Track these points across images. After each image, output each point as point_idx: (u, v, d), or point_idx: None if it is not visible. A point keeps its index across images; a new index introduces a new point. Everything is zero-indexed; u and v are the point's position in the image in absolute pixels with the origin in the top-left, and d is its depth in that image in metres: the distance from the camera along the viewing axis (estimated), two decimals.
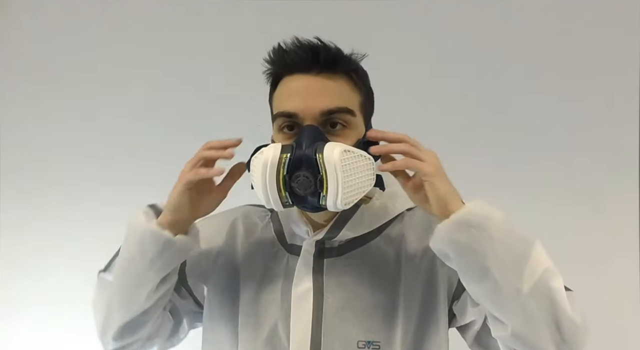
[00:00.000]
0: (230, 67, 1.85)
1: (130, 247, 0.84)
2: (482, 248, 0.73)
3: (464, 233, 0.73)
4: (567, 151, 1.78)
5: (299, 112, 0.80)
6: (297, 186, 0.76)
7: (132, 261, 0.84)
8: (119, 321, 0.87)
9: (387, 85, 1.06)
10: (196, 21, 1.92)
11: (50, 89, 1.94)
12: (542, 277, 0.74)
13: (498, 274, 0.73)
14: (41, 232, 1.90)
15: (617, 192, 1.76)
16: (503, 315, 0.76)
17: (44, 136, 1.93)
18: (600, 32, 1.79)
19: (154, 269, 0.83)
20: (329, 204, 0.76)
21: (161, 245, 0.81)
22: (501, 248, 0.74)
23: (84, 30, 1.95)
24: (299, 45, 0.83)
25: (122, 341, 0.89)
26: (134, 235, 0.84)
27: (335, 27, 0.85)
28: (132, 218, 0.85)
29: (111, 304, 0.88)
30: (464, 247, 0.74)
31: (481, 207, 0.75)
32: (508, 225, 0.75)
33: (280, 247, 0.93)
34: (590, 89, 1.78)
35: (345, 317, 0.86)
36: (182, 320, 0.99)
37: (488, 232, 0.73)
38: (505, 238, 0.74)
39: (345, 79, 0.83)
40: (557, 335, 0.74)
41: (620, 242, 1.75)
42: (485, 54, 1.82)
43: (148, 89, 1.92)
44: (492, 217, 0.74)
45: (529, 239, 0.77)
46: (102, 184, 1.89)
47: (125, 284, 0.86)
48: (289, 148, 0.77)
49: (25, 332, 1.90)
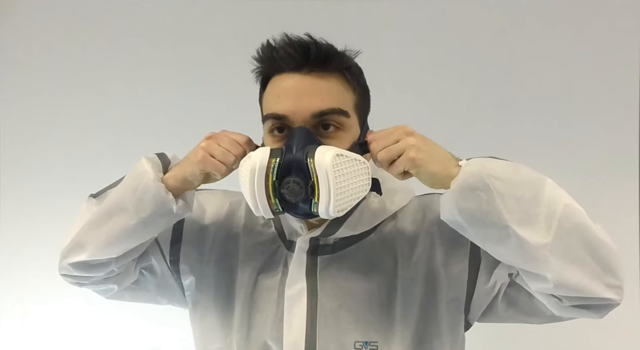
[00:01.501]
0: (233, 64, 1.84)
1: (127, 194, 0.82)
2: (493, 208, 0.70)
3: (469, 199, 0.71)
4: (568, 151, 1.77)
5: (289, 114, 0.77)
6: (287, 193, 0.73)
7: (124, 210, 0.81)
8: (85, 256, 0.84)
9: (384, 82, 1.04)
10: (197, 21, 1.91)
11: (50, 90, 1.94)
12: (562, 215, 0.71)
13: (518, 228, 0.70)
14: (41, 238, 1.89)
15: (618, 192, 1.75)
16: (537, 268, 0.72)
17: (44, 144, 1.93)
18: (601, 32, 1.78)
19: (145, 228, 0.82)
20: (320, 211, 0.73)
21: (161, 210, 0.80)
22: (512, 201, 0.70)
23: (85, 33, 1.94)
24: (288, 42, 0.79)
25: (79, 272, 0.86)
26: (134, 183, 0.81)
27: (332, 24, 0.83)
28: (140, 165, 0.83)
29: (84, 236, 0.84)
30: (474, 213, 0.71)
31: (479, 165, 0.72)
32: (512, 174, 0.72)
33: (281, 243, 0.90)
34: (591, 89, 1.77)
35: (341, 317, 0.83)
36: (150, 284, 0.96)
37: (494, 189, 0.70)
38: (513, 189, 0.71)
39: (338, 78, 0.80)
40: (599, 268, 0.71)
41: (620, 241, 1.75)
42: (485, 54, 1.81)
43: (149, 92, 1.91)
44: (493, 171, 0.71)
45: (538, 179, 0.74)
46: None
47: (107, 228, 0.83)
48: (278, 152, 0.74)
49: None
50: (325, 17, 1.81)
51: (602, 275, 0.72)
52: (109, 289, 0.92)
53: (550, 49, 1.78)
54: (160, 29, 1.92)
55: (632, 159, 1.76)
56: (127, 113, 1.91)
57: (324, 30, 0.82)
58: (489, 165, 0.72)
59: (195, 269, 0.92)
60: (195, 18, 1.91)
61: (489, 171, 0.71)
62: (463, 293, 0.84)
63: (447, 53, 1.82)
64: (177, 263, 0.93)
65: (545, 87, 1.78)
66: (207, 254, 0.92)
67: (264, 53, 0.82)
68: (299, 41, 0.79)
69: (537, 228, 0.70)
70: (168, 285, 0.95)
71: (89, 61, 1.93)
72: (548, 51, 1.78)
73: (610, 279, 0.72)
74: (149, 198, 0.80)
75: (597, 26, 1.77)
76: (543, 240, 0.70)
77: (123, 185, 0.84)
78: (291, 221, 0.87)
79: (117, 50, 1.93)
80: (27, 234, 1.90)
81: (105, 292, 0.93)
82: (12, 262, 1.90)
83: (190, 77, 1.89)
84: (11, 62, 1.96)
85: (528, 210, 0.71)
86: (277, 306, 0.86)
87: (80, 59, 1.93)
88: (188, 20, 1.91)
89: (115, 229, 0.82)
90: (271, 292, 0.87)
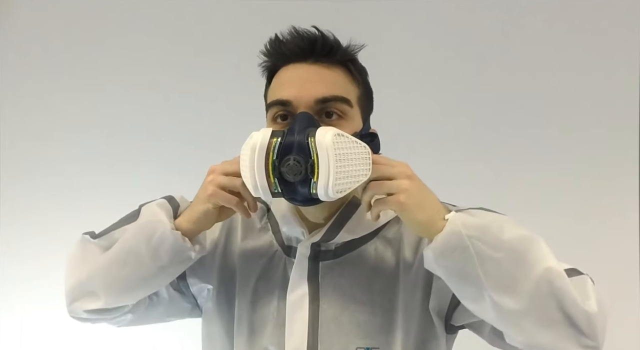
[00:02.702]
0: (233, 64, 1.84)
1: (141, 243, 0.79)
2: (471, 270, 0.69)
3: (448, 258, 0.70)
4: (568, 151, 1.77)
5: (293, 100, 0.77)
6: (287, 171, 0.70)
7: (139, 259, 0.80)
8: (101, 304, 0.82)
9: (387, 84, 1.04)
10: (197, 21, 1.91)
11: (50, 90, 1.94)
12: (542, 279, 0.69)
13: (494, 292, 0.69)
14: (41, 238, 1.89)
15: (618, 192, 1.76)
16: (509, 330, 0.72)
17: (44, 145, 1.93)
18: (600, 32, 1.78)
19: (162, 275, 0.81)
20: (319, 191, 0.71)
21: (179, 258, 0.79)
22: (491, 264, 0.69)
23: (85, 33, 1.94)
24: (296, 34, 0.81)
25: (93, 316, 0.85)
26: (148, 232, 0.79)
27: (334, 24, 0.83)
28: (151, 213, 0.81)
29: (97, 284, 0.82)
30: (453, 272, 0.71)
31: (462, 224, 0.70)
32: (495, 234, 0.70)
33: (278, 247, 0.89)
34: (592, 90, 1.77)
35: (343, 324, 0.83)
36: (160, 305, 0.94)
37: (473, 251, 0.69)
38: (494, 251, 0.69)
39: (343, 69, 0.81)
40: (573, 330, 0.69)
41: (620, 242, 1.75)
42: (485, 54, 1.81)
43: (149, 94, 1.91)
44: (475, 232, 0.70)
45: (524, 239, 0.71)
46: (102, 191, 1.87)
47: (122, 276, 0.81)
48: (280, 133, 0.73)
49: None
50: (327, 17, 1.80)
51: (578, 337, 0.69)
52: (122, 320, 0.91)
53: (549, 49, 1.79)
54: (161, 30, 1.92)
55: (632, 159, 1.76)
56: (128, 113, 1.91)
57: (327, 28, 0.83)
58: (472, 225, 0.70)
59: (202, 278, 0.92)
60: (195, 18, 1.91)
61: (470, 231, 0.70)
62: (446, 303, 0.83)
63: (450, 51, 1.82)
64: (185, 277, 0.92)
65: (545, 87, 1.79)
66: (209, 262, 0.92)
67: (272, 46, 0.83)
68: (306, 33, 0.81)
69: (514, 293, 0.69)
70: (176, 303, 0.95)
71: (89, 61, 1.93)
72: (548, 51, 1.79)
73: (586, 340, 0.69)
74: (167, 248, 0.79)
75: (599, 25, 1.78)
76: (518, 306, 0.69)
77: (135, 233, 0.81)
78: (292, 226, 0.86)
79: (118, 50, 1.93)
80: (27, 234, 1.90)
81: (118, 323, 0.92)
82: (12, 262, 1.90)
83: (190, 77, 1.89)
84: (11, 62, 1.96)
85: (507, 273, 0.69)
86: (277, 312, 0.85)
87: (81, 59, 1.93)
88: (189, 21, 1.92)
89: (132, 277, 0.81)
90: (271, 297, 0.86)
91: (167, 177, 1.80)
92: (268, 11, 1.84)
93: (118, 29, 1.93)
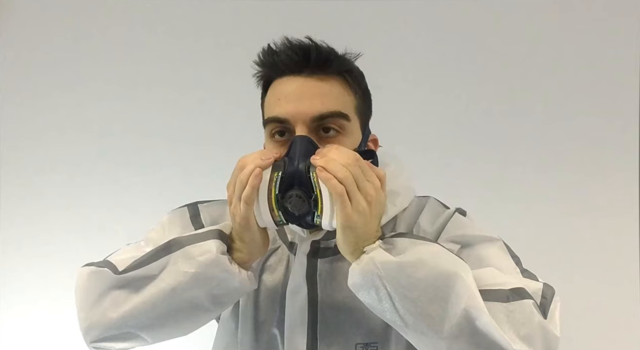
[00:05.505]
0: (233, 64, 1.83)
1: (200, 290, 0.74)
2: (387, 307, 0.69)
3: (363, 296, 0.71)
4: (568, 152, 1.77)
5: (290, 118, 0.77)
6: (291, 207, 0.72)
7: (198, 306, 0.75)
8: (140, 343, 0.79)
9: (386, 86, 1.04)
10: (198, 21, 1.90)
11: (50, 90, 1.93)
12: (462, 318, 0.66)
13: (412, 331, 0.69)
14: (41, 238, 1.89)
15: (618, 192, 1.76)
16: None
17: (44, 147, 1.92)
18: (600, 32, 1.78)
19: (216, 311, 0.80)
20: (324, 224, 0.72)
21: (244, 294, 0.81)
22: (407, 302, 0.67)
23: (85, 33, 1.93)
24: (289, 45, 0.79)
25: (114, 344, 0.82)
26: (212, 283, 0.74)
27: (333, 25, 0.82)
28: (202, 251, 0.74)
29: (127, 320, 0.76)
30: (373, 307, 0.71)
31: (372, 264, 0.68)
32: (408, 273, 0.67)
33: (282, 243, 0.90)
34: (592, 90, 1.77)
35: (342, 320, 0.83)
36: None
37: (384, 291, 0.68)
38: (407, 291, 0.67)
39: (339, 81, 0.80)
40: None
41: (620, 242, 1.75)
42: (485, 54, 1.81)
43: (151, 94, 1.90)
44: (386, 272, 0.67)
45: (444, 276, 0.67)
46: (103, 191, 1.87)
47: (175, 320, 0.77)
48: (280, 165, 0.73)
49: None
50: (326, 18, 1.81)
51: None
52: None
53: (549, 49, 1.79)
54: (161, 30, 1.91)
55: (632, 158, 1.76)
56: (128, 113, 1.90)
57: (324, 32, 0.82)
58: (383, 264, 0.68)
59: None
60: (196, 18, 1.90)
61: (380, 272, 0.68)
62: None
63: (447, 54, 1.82)
64: None
65: (546, 87, 1.79)
66: None
67: (265, 57, 0.81)
68: (299, 44, 0.79)
69: (432, 331, 0.67)
70: None
71: (89, 61, 1.92)
72: (547, 51, 1.79)
73: None
74: (234, 296, 0.80)
75: (599, 25, 1.78)
76: (436, 345, 0.68)
77: (191, 276, 0.74)
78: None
79: (118, 50, 1.92)
80: (27, 233, 1.90)
81: None
82: (12, 262, 1.90)
83: (190, 77, 1.89)
84: (11, 62, 1.96)
85: (424, 312, 0.67)
86: (280, 307, 0.86)
87: (81, 59, 1.92)
88: (189, 21, 1.91)
89: (186, 320, 0.79)
90: (274, 292, 0.87)
91: (168, 177, 1.81)
92: (274, 9, 1.84)
93: (119, 29, 1.92)
